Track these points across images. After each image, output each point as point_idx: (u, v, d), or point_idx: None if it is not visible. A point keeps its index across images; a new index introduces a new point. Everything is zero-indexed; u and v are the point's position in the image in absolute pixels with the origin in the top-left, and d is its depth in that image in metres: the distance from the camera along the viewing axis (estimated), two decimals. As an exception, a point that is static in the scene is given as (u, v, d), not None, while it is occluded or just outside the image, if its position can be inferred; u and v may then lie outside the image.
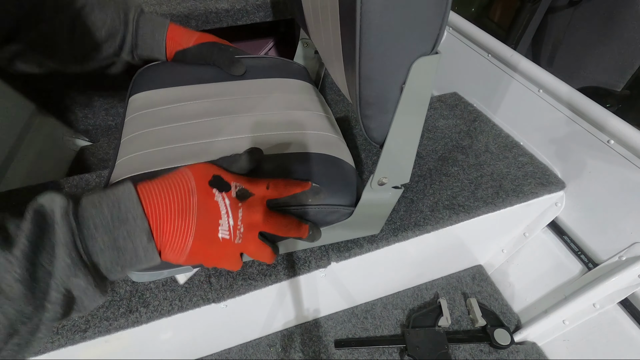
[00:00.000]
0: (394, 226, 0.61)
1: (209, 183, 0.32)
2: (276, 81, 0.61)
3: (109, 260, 0.28)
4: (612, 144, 0.62)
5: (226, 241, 0.32)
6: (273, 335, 0.79)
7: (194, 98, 0.55)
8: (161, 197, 0.30)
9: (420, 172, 0.71)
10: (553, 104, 0.71)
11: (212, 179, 0.33)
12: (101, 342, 0.51)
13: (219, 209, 0.32)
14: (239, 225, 0.33)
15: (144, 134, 0.49)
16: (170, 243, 0.30)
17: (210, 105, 0.53)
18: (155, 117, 0.51)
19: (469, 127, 0.82)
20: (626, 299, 0.64)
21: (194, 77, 0.58)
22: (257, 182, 0.36)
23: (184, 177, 0.32)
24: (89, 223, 0.27)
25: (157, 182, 0.31)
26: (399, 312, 0.83)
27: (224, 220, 0.32)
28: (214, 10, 0.85)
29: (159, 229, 0.30)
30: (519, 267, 0.86)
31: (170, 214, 0.30)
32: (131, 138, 0.49)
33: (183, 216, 0.30)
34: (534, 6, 1.06)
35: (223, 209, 0.32)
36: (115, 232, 0.28)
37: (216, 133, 0.48)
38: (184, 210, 0.30)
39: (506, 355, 0.76)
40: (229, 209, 0.32)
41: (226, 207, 0.32)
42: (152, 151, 0.46)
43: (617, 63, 1.02)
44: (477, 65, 0.87)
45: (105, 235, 0.27)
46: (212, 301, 0.53)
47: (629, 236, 0.62)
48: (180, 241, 0.30)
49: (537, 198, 0.68)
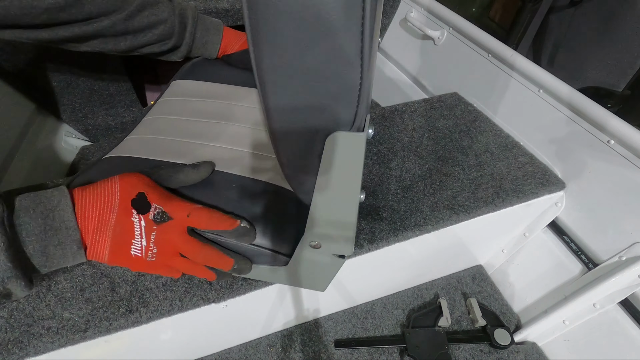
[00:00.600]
0: (394, 226, 0.61)
1: (131, 202, 0.34)
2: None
3: (37, 263, 0.31)
4: (612, 144, 0.62)
5: (139, 258, 0.35)
6: (273, 335, 0.79)
7: (220, 97, 0.57)
8: (88, 210, 0.33)
9: (420, 172, 0.71)
10: (553, 104, 0.71)
11: (135, 197, 0.35)
12: (101, 342, 0.51)
13: (133, 229, 0.34)
14: (151, 246, 0.35)
15: (161, 119, 0.53)
16: (91, 253, 0.34)
17: (225, 108, 0.55)
18: (178, 107, 0.55)
19: (469, 127, 0.82)
20: (626, 299, 0.63)
21: (228, 78, 0.61)
22: (181, 206, 0.36)
23: (111, 192, 0.35)
24: (21, 230, 0.30)
25: (89, 192, 0.34)
26: (399, 312, 0.83)
27: (137, 240, 0.35)
28: (214, 10, 0.85)
29: (83, 239, 0.33)
30: (519, 267, 0.86)
31: (90, 228, 0.33)
32: (150, 120, 0.53)
33: (100, 232, 0.34)
34: (535, 6, 1.06)
35: (137, 230, 0.34)
36: (47, 240, 0.31)
37: (216, 138, 0.49)
38: (102, 227, 0.34)
39: (506, 355, 0.76)
40: (143, 231, 0.35)
41: (140, 229, 0.34)
42: (156, 138, 0.49)
43: (617, 63, 1.01)
44: (477, 65, 0.87)
45: (36, 243, 0.30)
46: (212, 301, 0.53)
47: (629, 236, 0.62)
48: (98, 252, 0.34)
49: (537, 198, 0.68)
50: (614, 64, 1.02)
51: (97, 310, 0.50)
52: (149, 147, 0.47)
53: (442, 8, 0.95)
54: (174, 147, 0.47)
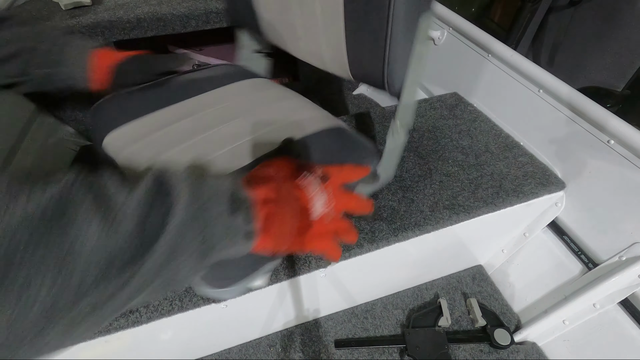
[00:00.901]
0: (394, 226, 0.61)
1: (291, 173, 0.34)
2: (241, 84, 0.64)
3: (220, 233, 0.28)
4: (612, 144, 0.62)
5: (318, 221, 0.34)
6: (273, 335, 0.79)
7: (175, 120, 0.55)
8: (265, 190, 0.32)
9: (420, 172, 0.71)
10: (553, 104, 0.71)
11: (294, 169, 0.35)
12: (101, 342, 0.51)
13: (307, 192, 0.34)
14: (326, 203, 0.34)
15: (157, 160, 0.49)
16: (276, 229, 0.31)
17: (194, 123, 0.54)
18: (152, 145, 0.51)
19: (469, 127, 0.82)
20: (626, 299, 0.63)
21: (156, 103, 0.58)
22: (327, 168, 0.37)
23: (269, 174, 0.34)
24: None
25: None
26: (399, 312, 0.83)
27: (316, 199, 0.34)
28: (214, 10, 0.85)
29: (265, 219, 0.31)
30: (519, 267, 0.86)
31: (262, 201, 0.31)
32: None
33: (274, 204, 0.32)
34: (535, 6, 1.06)
35: (312, 192, 0.34)
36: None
37: (218, 145, 0.50)
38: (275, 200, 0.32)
39: (506, 355, 0.76)
40: (316, 192, 0.34)
41: (312, 191, 0.34)
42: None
43: (617, 63, 1.02)
44: (477, 65, 0.87)
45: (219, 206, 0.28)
46: (212, 301, 0.53)
47: (629, 236, 0.62)
48: (283, 226, 0.32)
49: (537, 198, 0.68)
50: (613, 64, 1.02)
51: (97, 310, 0.50)
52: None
53: (442, 8, 0.95)
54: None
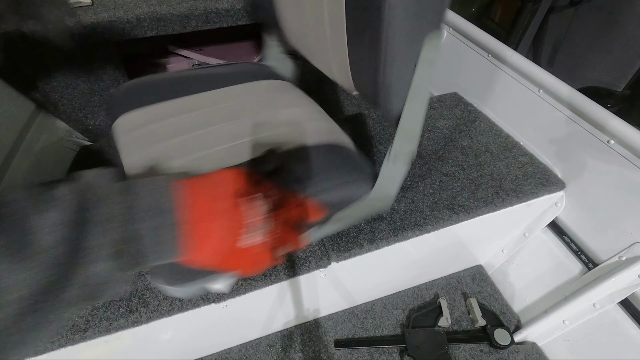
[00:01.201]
0: (394, 226, 0.61)
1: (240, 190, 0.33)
2: (259, 84, 0.63)
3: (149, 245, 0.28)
4: (612, 144, 0.62)
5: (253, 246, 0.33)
6: (273, 335, 0.79)
7: (182, 112, 0.56)
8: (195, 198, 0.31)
9: (420, 172, 0.71)
10: (553, 104, 0.71)
11: (244, 185, 0.34)
12: (101, 342, 0.51)
13: (248, 213, 0.32)
14: (267, 221, 0.34)
15: (148, 151, 0.49)
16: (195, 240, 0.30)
17: (201, 117, 0.54)
18: (152, 134, 0.52)
19: (469, 127, 0.82)
20: (626, 299, 0.63)
21: (172, 91, 0.59)
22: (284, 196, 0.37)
23: (216, 183, 0.33)
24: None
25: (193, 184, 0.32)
26: (399, 312, 0.83)
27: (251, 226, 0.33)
28: (214, 10, 0.85)
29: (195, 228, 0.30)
30: (519, 267, 0.86)
31: (196, 216, 0.30)
32: (134, 154, 0.50)
33: (209, 219, 0.31)
34: (535, 6, 1.06)
35: (252, 214, 0.33)
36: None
37: (216, 141, 0.49)
38: (211, 214, 0.31)
39: (506, 355, 0.76)
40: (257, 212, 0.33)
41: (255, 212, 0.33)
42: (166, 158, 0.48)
43: (617, 63, 1.01)
44: (477, 65, 0.87)
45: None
46: (212, 301, 0.53)
47: (629, 236, 0.62)
48: (205, 239, 0.31)
49: (537, 198, 0.68)
50: (614, 64, 1.02)
51: (97, 310, 0.50)
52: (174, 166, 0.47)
53: (442, 8, 0.95)
54: (197, 161, 0.47)
